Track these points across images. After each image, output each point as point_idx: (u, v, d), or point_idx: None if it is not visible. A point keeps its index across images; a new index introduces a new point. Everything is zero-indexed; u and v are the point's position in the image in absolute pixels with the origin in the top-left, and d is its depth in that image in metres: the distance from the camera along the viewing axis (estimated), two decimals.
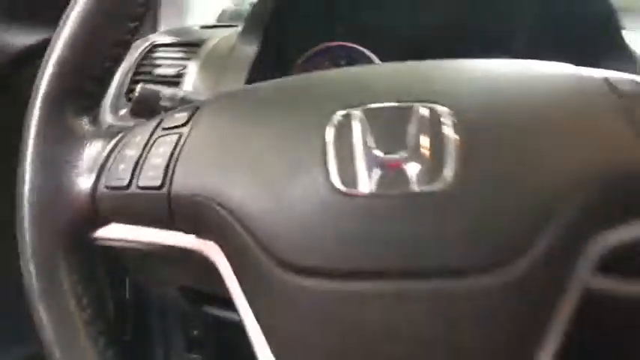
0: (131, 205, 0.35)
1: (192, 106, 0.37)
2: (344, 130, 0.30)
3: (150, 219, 0.35)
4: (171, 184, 0.33)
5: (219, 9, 1.07)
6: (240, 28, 0.73)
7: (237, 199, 0.31)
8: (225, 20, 1.00)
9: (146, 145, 0.35)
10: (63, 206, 0.36)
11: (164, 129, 0.36)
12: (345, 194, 0.29)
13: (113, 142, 0.37)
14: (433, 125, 0.30)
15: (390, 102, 0.31)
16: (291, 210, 0.30)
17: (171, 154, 0.34)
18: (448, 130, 0.29)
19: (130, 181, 0.34)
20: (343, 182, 0.29)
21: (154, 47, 0.75)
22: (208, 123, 0.35)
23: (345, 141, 0.30)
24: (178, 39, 0.77)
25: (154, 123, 0.37)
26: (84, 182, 0.36)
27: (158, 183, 0.34)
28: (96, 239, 0.37)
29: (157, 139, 0.35)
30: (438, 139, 0.29)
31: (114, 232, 0.36)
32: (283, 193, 0.30)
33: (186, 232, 0.34)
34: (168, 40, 0.76)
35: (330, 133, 0.31)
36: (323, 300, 0.29)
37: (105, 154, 0.37)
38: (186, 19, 1.02)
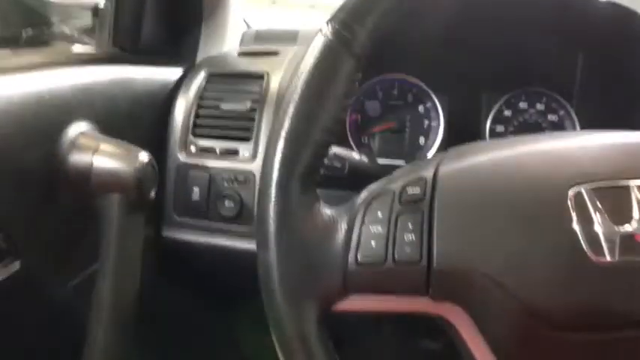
0: (384, 279, 0.38)
1: (421, 179, 0.40)
2: (581, 207, 0.36)
3: (401, 289, 0.38)
4: (429, 257, 0.37)
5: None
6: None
7: (500, 270, 0.36)
8: (249, 42, 0.93)
9: (389, 220, 0.39)
10: (314, 286, 0.38)
11: (401, 203, 0.39)
12: (597, 262, 0.35)
13: (351, 219, 0.39)
14: None
15: (609, 180, 0.37)
16: (550, 276, 0.36)
17: (421, 230, 0.38)
18: None
19: (385, 257, 0.38)
20: (594, 252, 0.36)
21: (211, 78, 0.75)
22: (449, 197, 0.39)
23: (586, 216, 0.36)
24: (233, 70, 0.77)
25: (387, 198, 0.39)
26: (334, 261, 0.39)
27: (416, 258, 0.37)
28: (338, 311, 0.39)
29: (398, 214, 0.39)
30: None
31: (357, 302, 0.39)
32: (541, 260, 0.36)
33: (435, 298, 0.38)
34: (222, 70, 0.77)
35: (571, 209, 0.36)
36: (591, 350, 0.36)
37: (347, 231, 0.39)
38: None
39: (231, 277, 0.73)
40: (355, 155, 0.57)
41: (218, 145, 0.71)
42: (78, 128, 0.54)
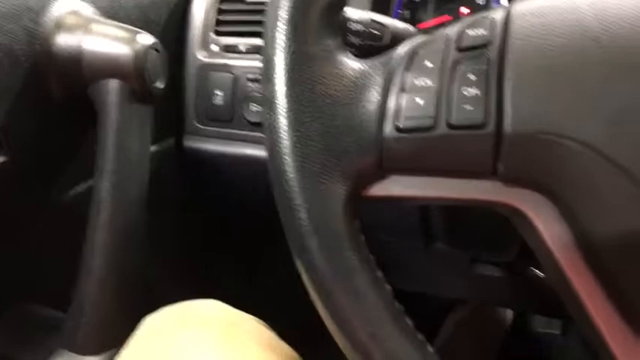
0: (435, 152, 0.28)
1: (487, 20, 0.29)
2: None
3: (459, 166, 0.28)
4: (499, 119, 0.27)
5: None
6: None
7: (607, 136, 0.25)
8: None
9: (442, 70, 0.28)
10: (338, 162, 0.29)
11: (460, 50, 0.29)
12: None
13: (389, 71, 0.29)
14: None
15: None
16: None
17: (487, 81, 0.27)
18: None
19: (436, 120, 0.28)
20: None
21: None
22: (528, 39, 0.28)
23: None
24: None
25: (439, 44, 0.29)
26: (365, 128, 0.29)
27: (481, 119, 0.27)
28: (371, 197, 0.30)
29: (455, 62, 0.28)
30: None
31: (396, 186, 0.29)
32: None
33: (507, 181, 0.28)
34: None
35: None
36: None
37: (383, 88, 0.29)
38: None
39: (259, 190, 0.66)
40: (399, 24, 0.46)
41: (243, 42, 0.63)
42: (67, 6, 0.46)
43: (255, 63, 0.61)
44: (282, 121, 0.29)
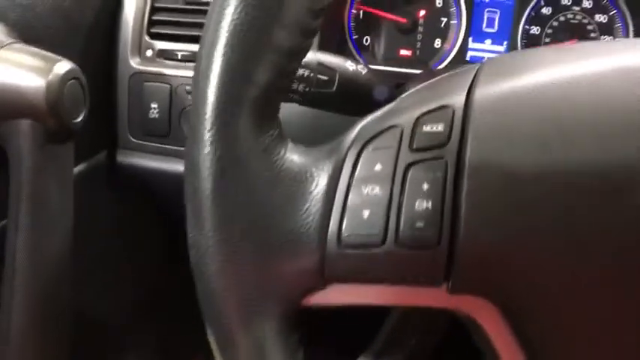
0: (380, 265, 0.25)
1: (445, 109, 0.26)
2: None
3: (405, 279, 0.26)
4: (452, 239, 0.24)
5: None
6: None
7: (560, 262, 0.24)
8: None
9: (393, 177, 0.25)
10: (273, 277, 0.26)
11: (415, 150, 0.26)
12: None
13: (333, 171, 0.26)
14: None
15: None
16: None
17: (443, 194, 0.25)
18: None
19: (384, 236, 0.25)
20: None
21: None
22: (487, 144, 0.25)
23: None
24: None
25: (391, 139, 0.26)
26: (305, 236, 0.26)
27: (433, 238, 0.24)
28: (311, 305, 0.27)
29: (407, 166, 0.25)
30: None
31: (337, 295, 0.27)
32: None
33: (455, 291, 0.26)
34: None
35: None
36: None
37: (326, 192, 0.26)
38: None
39: None
40: (349, 64, 0.42)
41: (179, 47, 0.57)
42: None
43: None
44: (208, 242, 0.25)
